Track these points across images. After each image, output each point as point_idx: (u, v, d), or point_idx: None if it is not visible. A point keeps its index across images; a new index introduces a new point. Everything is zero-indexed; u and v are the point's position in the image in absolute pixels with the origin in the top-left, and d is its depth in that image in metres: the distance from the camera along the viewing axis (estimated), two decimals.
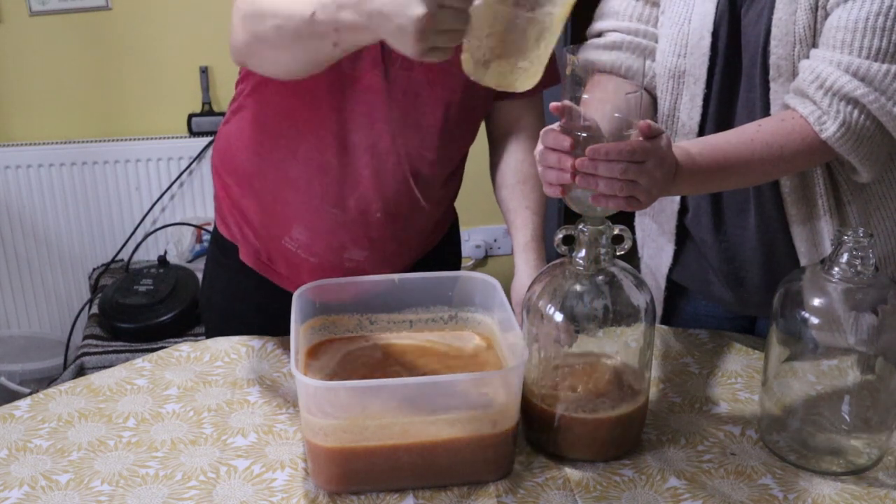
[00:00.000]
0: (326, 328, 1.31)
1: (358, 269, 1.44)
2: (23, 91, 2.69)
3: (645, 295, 1.15)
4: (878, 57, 1.16)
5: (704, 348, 1.43)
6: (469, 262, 3.08)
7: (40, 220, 2.75)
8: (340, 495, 1.11)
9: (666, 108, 1.36)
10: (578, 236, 1.14)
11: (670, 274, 1.50)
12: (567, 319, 1.14)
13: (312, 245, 1.43)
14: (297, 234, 1.43)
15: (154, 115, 2.76)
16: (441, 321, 1.33)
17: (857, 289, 1.11)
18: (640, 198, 1.09)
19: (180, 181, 2.77)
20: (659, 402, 1.30)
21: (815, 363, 1.17)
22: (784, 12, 1.22)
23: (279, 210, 1.43)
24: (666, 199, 1.43)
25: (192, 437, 1.21)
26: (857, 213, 1.31)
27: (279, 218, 1.43)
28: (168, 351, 1.41)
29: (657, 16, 1.36)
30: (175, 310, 2.51)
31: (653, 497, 1.11)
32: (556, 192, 1.11)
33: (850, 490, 1.12)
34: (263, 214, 1.45)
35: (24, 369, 2.71)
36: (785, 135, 1.19)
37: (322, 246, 1.43)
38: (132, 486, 1.12)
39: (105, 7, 2.63)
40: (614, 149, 1.06)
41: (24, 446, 1.19)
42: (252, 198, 1.45)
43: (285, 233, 1.44)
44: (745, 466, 1.16)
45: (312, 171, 1.38)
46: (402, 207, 1.43)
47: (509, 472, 1.15)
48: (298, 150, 1.37)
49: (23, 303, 2.84)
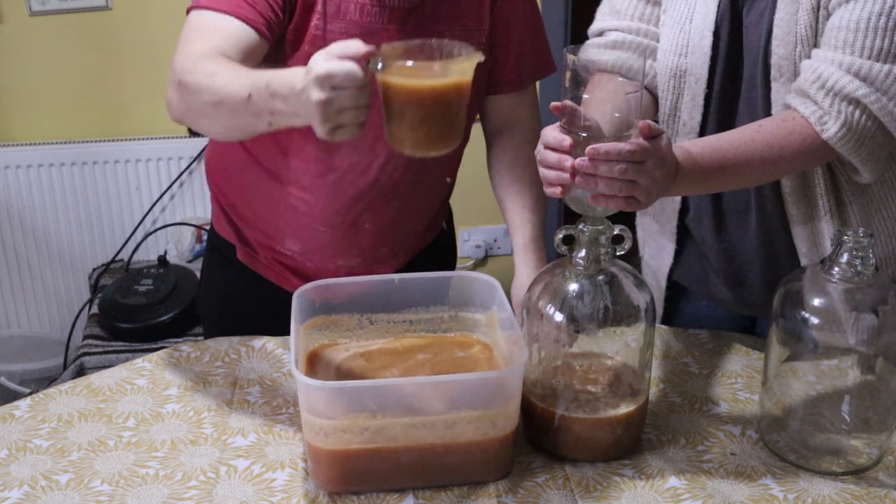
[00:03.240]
0: (326, 328, 1.31)
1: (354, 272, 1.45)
2: (23, 91, 2.69)
3: (645, 295, 1.15)
4: (879, 57, 1.16)
5: (704, 348, 1.43)
6: (469, 262, 3.08)
7: (40, 220, 2.75)
8: (340, 495, 1.11)
9: (667, 107, 1.36)
10: (578, 236, 1.14)
11: (671, 274, 1.50)
12: (567, 319, 1.14)
13: (305, 254, 1.45)
14: (291, 244, 1.45)
15: (154, 115, 2.76)
16: (441, 321, 1.33)
17: (857, 289, 1.11)
18: (640, 198, 1.09)
19: (180, 181, 2.77)
20: (659, 402, 1.29)
21: (815, 363, 1.17)
22: (785, 12, 1.22)
23: (271, 224, 1.44)
24: (667, 199, 1.43)
25: (192, 437, 1.21)
26: (858, 213, 1.31)
27: (272, 231, 1.45)
28: (168, 351, 1.41)
29: (658, 15, 1.36)
30: (175, 310, 2.51)
31: (653, 497, 1.11)
32: (556, 192, 1.11)
33: (850, 490, 1.12)
34: (255, 227, 1.46)
35: (24, 369, 2.71)
36: (786, 135, 1.19)
37: (315, 256, 1.45)
38: (132, 486, 1.12)
39: (105, 7, 2.62)
40: (614, 149, 1.06)
41: (24, 446, 1.19)
42: (244, 207, 1.46)
43: (279, 243, 1.46)
44: (745, 466, 1.16)
45: (299, 191, 1.39)
46: (391, 215, 1.43)
47: (509, 472, 1.15)
48: (286, 170, 1.38)
49: (23, 303, 2.83)
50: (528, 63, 1.45)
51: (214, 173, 1.51)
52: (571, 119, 1.09)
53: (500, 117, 1.47)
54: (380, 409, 1.09)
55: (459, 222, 1.67)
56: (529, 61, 1.45)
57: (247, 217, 1.47)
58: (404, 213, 1.45)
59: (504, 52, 1.41)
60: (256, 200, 1.44)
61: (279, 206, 1.42)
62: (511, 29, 1.41)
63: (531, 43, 1.44)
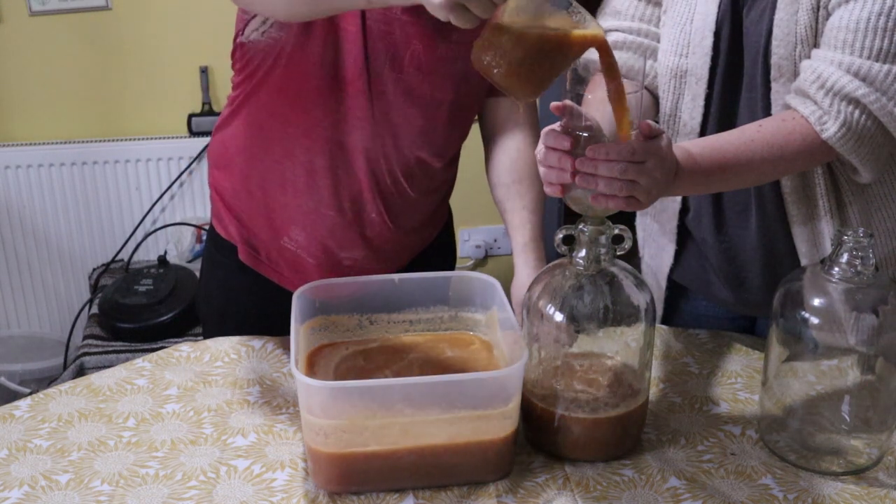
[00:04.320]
0: (326, 328, 1.31)
1: (356, 266, 1.45)
2: (23, 91, 2.69)
3: (645, 295, 1.15)
4: (879, 57, 1.16)
5: (704, 348, 1.43)
6: (469, 262, 3.08)
7: (40, 220, 2.75)
8: (340, 495, 1.11)
9: (668, 107, 1.36)
10: (578, 236, 1.14)
11: (671, 274, 1.50)
12: (567, 319, 1.14)
13: (310, 245, 1.44)
14: (295, 234, 1.44)
15: (154, 115, 2.76)
16: (441, 321, 1.33)
17: (857, 289, 1.11)
18: (640, 198, 1.09)
19: (180, 181, 2.77)
20: (659, 402, 1.29)
21: (815, 363, 1.17)
22: (785, 12, 1.22)
23: (276, 212, 1.43)
24: (667, 199, 1.43)
25: (192, 437, 1.21)
26: (858, 213, 1.31)
27: (276, 220, 1.44)
28: (168, 351, 1.41)
29: (659, 15, 1.36)
30: (175, 310, 2.51)
31: (653, 497, 1.11)
32: (556, 191, 1.11)
33: (850, 490, 1.12)
34: (261, 216, 1.45)
35: (24, 369, 2.71)
36: (786, 135, 1.19)
37: (319, 246, 1.44)
38: (132, 486, 1.12)
39: (105, 7, 2.63)
40: (614, 149, 1.06)
41: (24, 446, 1.19)
42: (249, 200, 1.45)
43: (284, 234, 1.44)
44: (745, 466, 1.16)
45: (307, 174, 1.38)
46: (397, 206, 1.43)
47: (509, 472, 1.15)
48: (293, 153, 1.37)
49: (23, 303, 2.84)
50: None
51: (218, 166, 1.50)
52: (572, 119, 1.09)
53: (500, 119, 1.48)
54: (380, 409, 1.09)
55: (459, 222, 1.67)
56: None
57: (251, 209, 1.46)
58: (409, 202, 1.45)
59: None
60: (263, 188, 1.43)
61: (287, 190, 1.41)
62: None
63: None
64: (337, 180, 1.38)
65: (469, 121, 1.47)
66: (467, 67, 1.38)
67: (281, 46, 1.30)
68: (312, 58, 1.30)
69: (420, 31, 1.32)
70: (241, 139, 1.43)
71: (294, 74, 1.32)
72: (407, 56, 1.32)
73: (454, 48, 1.34)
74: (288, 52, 1.30)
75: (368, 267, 1.45)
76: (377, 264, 1.46)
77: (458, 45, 1.35)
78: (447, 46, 1.34)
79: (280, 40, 1.30)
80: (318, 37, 1.29)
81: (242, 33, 1.35)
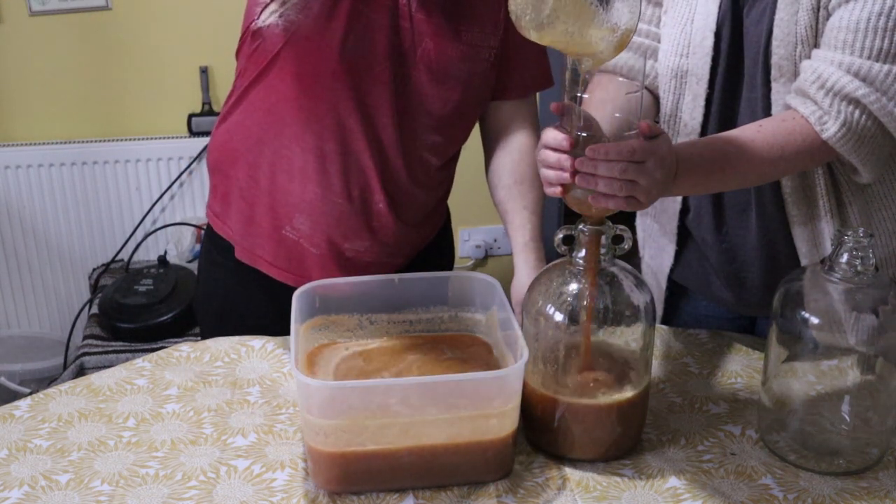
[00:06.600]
0: (326, 328, 1.31)
1: (358, 258, 1.45)
2: (23, 91, 2.69)
3: (645, 295, 1.15)
4: (879, 57, 1.16)
5: (704, 348, 1.43)
6: (469, 262, 3.08)
7: (40, 220, 2.75)
8: (340, 495, 1.11)
9: (668, 107, 1.36)
10: (578, 236, 1.14)
11: (671, 274, 1.50)
12: (567, 319, 1.14)
13: (314, 235, 1.44)
14: (299, 223, 1.43)
15: (154, 115, 2.76)
16: (441, 321, 1.33)
17: (857, 289, 1.11)
18: (640, 198, 1.09)
19: (180, 181, 2.77)
20: (659, 402, 1.29)
21: (815, 363, 1.17)
22: (786, 13, 1.22)
23: (280, 199, 1.43)
24: (668, 200, 1.43)
25: (192, 437, 1.21)
26: (858, 213, 1.31)
27: (280, 208, 1.43)
28: (168, 351, 1.41)
29: (659, 16, 1.36)
30: (175, 310, 2.51)
31: (653, 497, 1.11)
32: (556, 192, 1.11)
33: (850, 490, 1.12)
34: (263, 204, 1.45)
35: (24, 369, 2.71)
36: (786, 135, 1.19)
37: (324, 235, 1.43)
38: (132, 486, 1.12)
39: (105, 7, 2.62)
40: (614, 149, 1.06)
41: (24, 446, 1.19)
42: (253, 188, 1.45)
43: (286, 222, 1.44)
44: (745, 466, 1.16)
45: (317, 159, 1.38)
46: (400, 199, 1.44)
47: (509, 472, 1.15)
48: (303, 137, 1.38)
49: (23, 303, 2.84)
50: (534, 74, 1.47)
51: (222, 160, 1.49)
52: (572, 119, 1.09)
53: (501, 122, 1.48)
54: (379, 409, 1.09)
55: (459, 222, 1.67)
56: (536, 72, 1.47)
57: (253, 197, 1.45)
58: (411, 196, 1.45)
59: (514, 61, 1.43)
60: (269, 175, 1.42)
61: (295, 177, 1.40)
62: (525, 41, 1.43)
63: (537, 55, 1.46)
64: (347, 167, 1.39)
65: (472, 121, 1.48)
66: (475, 68, 1.39)
67: (297, 28, 1.30)
68: (332, 42, 1.30)
69: (433, 29, 1.33)
70: (247, 125, 1.43)
71: (310, 58, 1.32)
72: (418, 52, 1.33)
73: (464, 49, 1.35)
74: (305, 34, 1.30)
75: (369, 260, 1.45)
76: (378, 257, 1.47)
77: (469, 46, 1.35)
78: (458, 47, 1.35)
79: (297, 23, 1.30)
80: (341, 23, 1.29)
81: (259, 17, 1.35)
